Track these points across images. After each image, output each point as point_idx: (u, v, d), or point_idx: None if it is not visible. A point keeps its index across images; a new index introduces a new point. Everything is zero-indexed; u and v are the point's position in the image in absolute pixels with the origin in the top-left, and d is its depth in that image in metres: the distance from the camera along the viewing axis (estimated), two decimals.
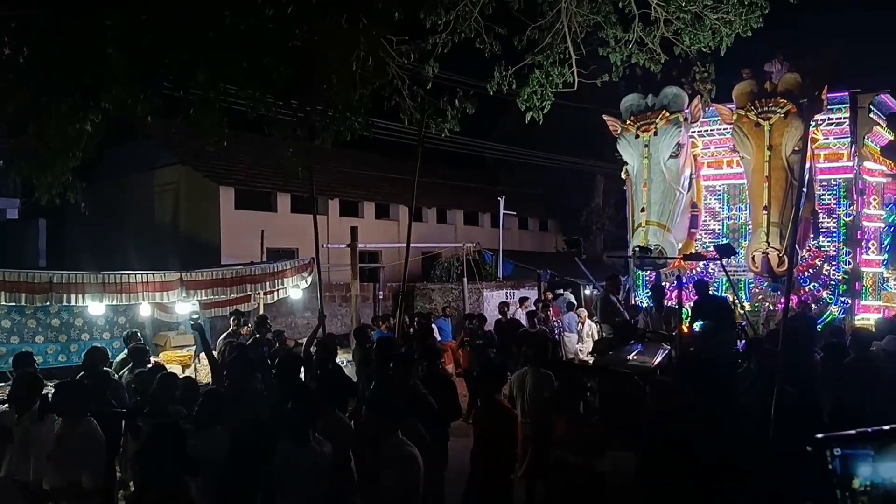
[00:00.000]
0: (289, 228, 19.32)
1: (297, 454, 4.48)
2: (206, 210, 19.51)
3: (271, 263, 11.88)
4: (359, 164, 24.62)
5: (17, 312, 11.07)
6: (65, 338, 11.45)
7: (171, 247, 18.85)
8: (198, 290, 10.22)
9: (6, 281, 8.56)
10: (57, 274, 8.98)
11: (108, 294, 9.17)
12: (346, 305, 16.91)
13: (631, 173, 12.12)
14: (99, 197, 16.56)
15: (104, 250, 18.41)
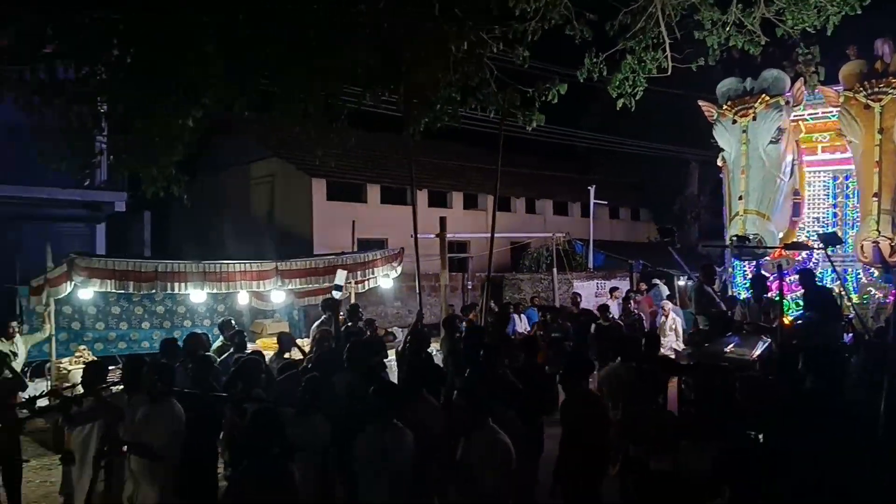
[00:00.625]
0: (379, 219, 19.63)
1: (379, 439, 4.54)
2: (299, 202, 20.04)
3: (362, 253, 12.09)
4: (447, 154, 24.70)
5: (125, 300, 11.72)
6: (169, 324, 12.03)
7: (267, 237, 19.48)
8: (292, 279, 10.51)
9: (116, 270, 9.04)
10: (162, 263, 9.42)
11: (208, 282, 9.55)
12: (435, 295, 17.04)
13: (728, 160, 11.66)
14: (199, 190, 17.22)
15: (204, 241, 19.21)
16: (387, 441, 4.52)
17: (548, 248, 20.43)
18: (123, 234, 18.75)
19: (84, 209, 17.77)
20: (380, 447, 4.50)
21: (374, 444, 4.52)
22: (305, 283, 10.90)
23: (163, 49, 7.24)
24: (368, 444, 4.54)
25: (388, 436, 4.54)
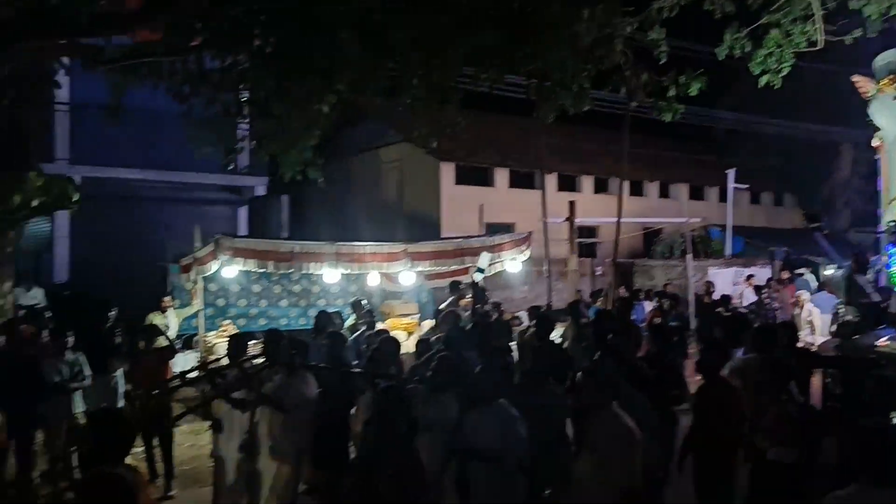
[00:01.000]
0: (506, 203, 19.58)
1: (484, 419, 4.53)
2: (428, 186, 20.32)
3: (490, 237, 12.09)
4: (577, 137, 24.23)
5: (265, 278, 12.32)
6: (304, 302, 12.55)
7: (397, 221, 19.90)
8: (421, 261, 10.66)
9: (257, 250, 9.51)
10: (298, 244, 9.82)
11: (341, 263, 9.86)
12: (563, 281, 16.83)
13: (885, 140, 10.74)
14: (333, 174, 17.78)
15: (337, 223, 19.87)
16: (493, 423, 4.50)
17: (682, 233, 19.66)
18: (263, 216, 19.74)
19: (228, 193, 18.87)
20: (488, 428, 4.49)
21: (480, 425, 4.52)
22: (434, 265, 11.03)
23: (300, 36, 7.50)
24: (475, 424, 4.55)
25: (493, 418, 4.52)
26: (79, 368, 7.29)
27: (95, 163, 15.46)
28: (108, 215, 16.04)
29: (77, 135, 16.15)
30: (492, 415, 4.52)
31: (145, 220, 16.49)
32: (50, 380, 7.02)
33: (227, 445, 5.96)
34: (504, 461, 4.39)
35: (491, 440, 4.43)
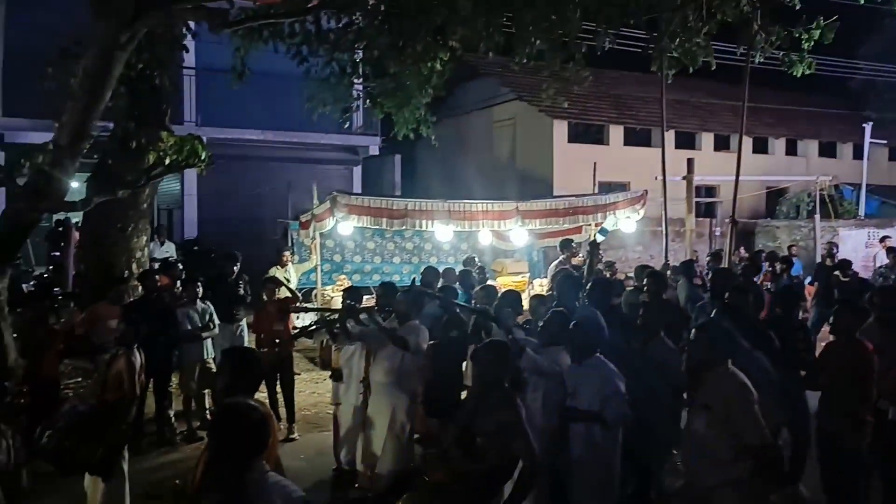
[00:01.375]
0: (621, 161, 19.05)
1: (585, 374, 4.47)
2: (540, 144, 20.05)
3: (603, 195, 11.82)
4: (696, 91, 23.15)
5: (379, 235, 12.62)
6: (417, 259, 12.77)
7: (508, 179, 19.79)
8: (532, 219, 10.57)
9: (371, 207, 9.70)
10: (412, 201, 9.95)
11: (453, 220, 9.92)
12: (680, 241, 16.28)
13: None
14: (445, 132, 17.89)
15: (449, 182, 19.98)
16: (592, 378, 4.43)
17: (810, 192, 18.54)
18: (377, 175, 20.14)
19: (344, 152, 19.33)
20: (588, 384, 4.43)
21: (581, 381, 4.47)
22: (545, 224, 10.91)
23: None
24: (576, 380, 4.49)
25: (593, 373, 4.46)
26: (209, 317, 7.75)
27: (220, 125, 16.16)
28: (232, 175, 16.81)
29: (203, 98, 16.94)
30: (593, 370, 4.47)
31: (267, 179, 17.17)
32: (183, 326, 7.51)
33: (346, 393, 6.22)
34: (603, 418, 4.34)
35: (591, 396, 4.39)
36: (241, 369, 3.39)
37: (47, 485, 5.41)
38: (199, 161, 7.88)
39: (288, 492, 2.70)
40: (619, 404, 4.37)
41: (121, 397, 5.43)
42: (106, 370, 5.56)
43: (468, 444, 3.85)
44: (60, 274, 11.29)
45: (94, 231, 10.02)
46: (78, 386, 8.32)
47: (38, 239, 14.81)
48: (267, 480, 2.67)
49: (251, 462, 2.65)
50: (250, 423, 2.66)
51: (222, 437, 2.68)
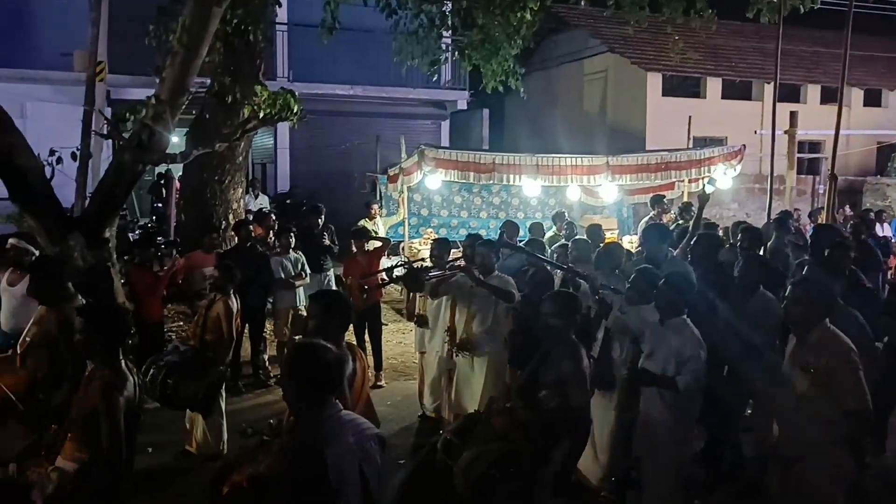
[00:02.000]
0: (718, 115, 18.29)
1: (664, 335, 4.36)
2: (633, 97, 19.46)
3: (697, 150, 11.42)
4: (801, 40, 21.84)
5: (466, 190, 12.64)
6: (504, 214, 12.73)
7: (598, 134, 19.35)
8: (622, 174, 10.35)
9: (458, 161, 9.70)
10: (499, 155, 9.89)
11: (540, 175, 9.81)
12: (779, 198, 15.61)
13: None
14: (533, 86, 17.61)
15: (537, 138, 19.71)
16: (670, 339, 4.33)
17: None
18: (464, 130, 20.08)
19: (432, 107, 19.34)
20: (664, 344, 4.33)
21: (658, 341, 4.37)
22: (636, 179, 10.66)
23: None
24: (654, 341, 4.40)
25: (673, 334, 4.35)
26: (301, 266, 7.99)
27: (311, 80, 16.42)
28: (323, 129, 17.11)
29: (295, 53, 17.24)
30: (675, 331, 4.34)
31: (356, 134, 17.39)
32: (277, 275, 7.78)
33: (431, 341, 6.32)
34: (675, 384, 4.22)
35: (667, 358, 4.27)
36: (330, 312, 3.48)
37: (151, 420, 5.77)
38: (291, 115, 8.04)
39: (362, 429, 2.75)
40: (694, 371, 4.22)
41: (219, 339, 5.72)
42: (205, 314, 5.85)
43: (531, 394, 3.86)
44: (163, 224, 11.88)
45: (194, 183, 10.45)
46: (179, 329, 8.79)
47: (141, 191, 15.61)
48: (341, 418, 2.72)
49: (323, 401, 2.69)
50: (320, 362, 2.69)
51: (293, 375, 2.73)
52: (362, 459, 2.64)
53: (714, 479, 5.15)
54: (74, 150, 8.26)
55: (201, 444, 5.83)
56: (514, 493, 3.52)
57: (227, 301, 5.84)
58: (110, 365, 3.44)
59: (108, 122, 7.99)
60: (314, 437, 2.62)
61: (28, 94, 13.80)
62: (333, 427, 2.65)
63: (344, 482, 2.56)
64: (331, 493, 2.53)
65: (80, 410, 3.44)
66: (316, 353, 2.72)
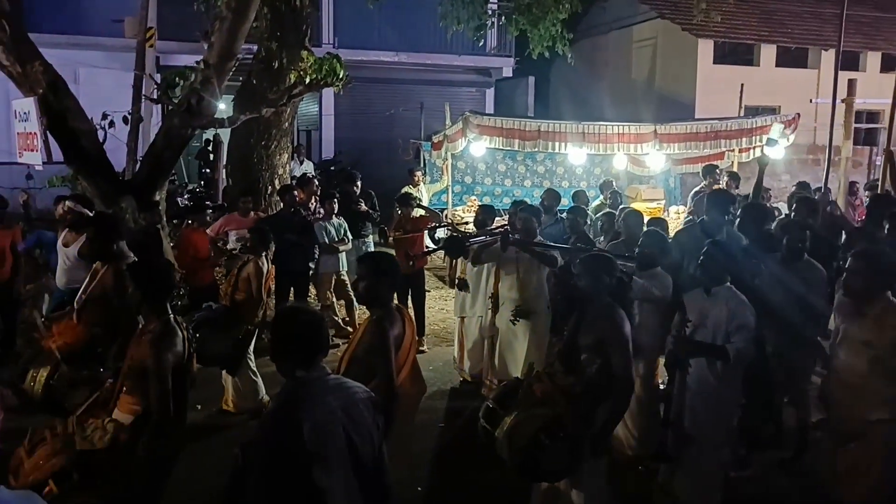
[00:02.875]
0: (771, 84, 17.77)
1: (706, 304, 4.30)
2: (683, 65, 19.00)
3: (749, 118, 11.14)
4: (861, 5, 20.99)
5: (510, 158, 12.56)
6: (548, 183, 12.62)
7: (646, 103, 18.98)
8: (670, 143, 10.16)
9: (503, 128, 9.63)
10: (544, 122, 9.79)
11: (586, 143, 9.69)
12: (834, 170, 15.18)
13: None
14: (579, 55, 17.29)
15: (583, 106, 19.42)
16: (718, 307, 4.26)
17: None
18: (509, 97, 19.89)
19: (476, 74, 19.18)
20: (712, 312, 4.26)
21: (705, 310, 4.29)
22: (684, 148, 10.47)
23: None
24: (702, 309, 4.32)
25: (719, 302, 4.26)
26: (344, 231, 8.07)
27: (356, 46, 16.40)
28: (367, 96, 17.13)
29: (340, 20, 17.22)
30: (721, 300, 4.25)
31: (400, 101, 17.37)
32: (320, 239, 7.87)
33: (472, 307, 6.35)
34: (726, 353, 4.16)
35: (716, 327, 4.20)
36: (379, 273, 3.53)
37: (202, 377, 5.92)
38: (337, 80, 8.05)
39: (351, 393, 2.67)
40: (745, 339, 4.15)
41: (248, 299, 5.83)
42: (236, 275, 5.97)
43: (570, 358, 3.84)
44: (210, 188, 12.08)
45: (240, 149, 10.57)
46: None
47: (190, 157, 15.87)
48: (325, 382, 2.65)
49: (305, 364, 2.62)
50: (300, 325, 2.66)
51: (276, 339, 2.72)
52: (348, 424, 2.55)
53: (752, 452, 5.10)
54: (126, 115, 8.42)
55: (236, 401, 5.95)
56: (559, 459, 3.53)
57: (257, 262, 5.94)
58: (159, 319, 3.54)
59: (158, 87, 8.12)
60: (291, 401, 2.57)
61: (81, 59, 14.06)
62: (315, 390, 2.57)
63: (323, 446, 2.46)
64: (306, 456, 2.44)
65: (132, 364, 3.55)
66: (296, 316, 2.70)
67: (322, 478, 2.44)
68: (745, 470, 4.95)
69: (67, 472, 3.19)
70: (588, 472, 3.72)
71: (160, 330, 3.50)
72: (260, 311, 6.16)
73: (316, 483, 2.44)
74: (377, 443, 2.67)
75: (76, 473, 3.18)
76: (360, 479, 2.56)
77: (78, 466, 3.21)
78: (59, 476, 3.18)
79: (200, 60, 7.92)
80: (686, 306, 4.35)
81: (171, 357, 3.44)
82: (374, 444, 2.65)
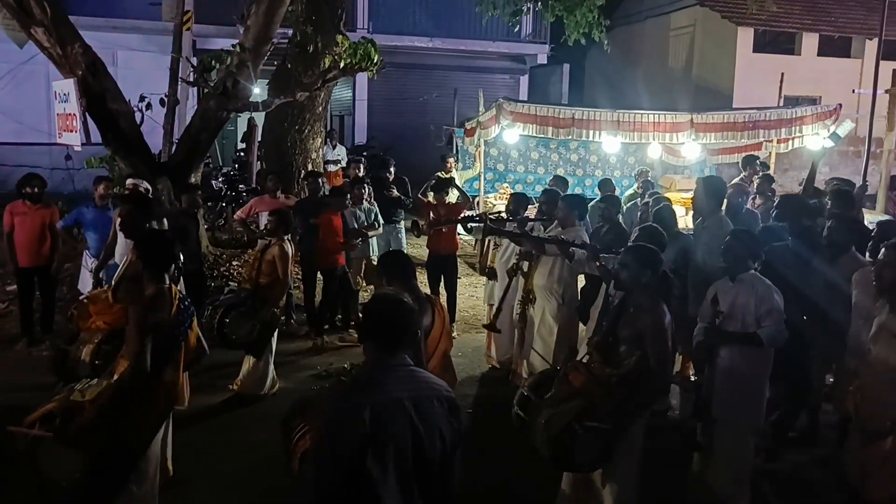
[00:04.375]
0: (812, 73, 17.38)
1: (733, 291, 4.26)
2: (721, 53, 18.66)
3: (788, 109, 10.92)
4: None
5: (543, 146, 12.47)
6: (581, 172, 12.54)
7: (682, 92, 18.70)
8: (707, 132, 10.03)
9: (537, 115, 9.56)
10: (578, 110, 9.70)
11: (621, 131, 9.59)
12: (874, 163, 14.83)
13: None
14: (615, 42, 17.09)
15: (618, 95, 19.20)
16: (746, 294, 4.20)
17: None
18: (543, 85, 19.73)
19: (511, 61, 19.05)
20: (742, 301, 4.20)
21: (735, 297, 4.23)
22: (721, 138, 10.32)
23: None
24: (734, 297, 4.26)
25: (748, 289, 4.21)
26: (374, 216, 8.07)
27: (390, 32, 16.38)
28: (401, 82, 17.11)
29: (374, 5, 17.20)
30: (748, 286, 4.20)
31: (433, 87, 17.33)
32: (350, 225, 7.87)
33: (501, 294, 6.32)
34: (758, 339, 4.10)
35: (745, 313, 4.15)
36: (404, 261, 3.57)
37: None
38: (371, 64, 8.06)
39: (427, 387, 2.58)
40: (776, 323, 4.11)
41: (273, 282, 5.84)
42: (260, 258, 5.98)
43: (608, 349, 3.81)
44: (245, 171, 12.18)
45: (275, 132, 10.64)
46: (235, 272, 9.07)
47: (224, 141, 16.02)
48: (401, 373, 2.56)
49: (387, 351, 2.54)
50: (389, 314, 2.59)
51: (364, 324, 2.63)
52: (415, 417, 2.44)
53: (781, 445, 5.03)
54: (162, 97, 8.51)
55: (244, 383, 5.92)
56: (592, 450, 3.51)
57: (282, 245, 5.92)
58: (155, 285, 3.72)
59: (195, 70, 8.19)
60: (361, 384, 2.53)
61: (118, 42, 14.24)
62: (388, 378, 2.49)
63: (381, 433, 2.37)
64: (362, 441, 2.35)
65: (128, 328, 3.72)
66: (392, 304, 2.62)
67: (375, 466, 2.37)
68: (772, 462, 4.88)
69: (53, 415, 3.47)
70: (622, 464, 3.70)
71: (151, 295, 3.68)
72: (285, 294, 6.15)
73: (369, 470, 2.36)
74: (449, 443, 2.54)
75: (59, 418, 3.44)
76: (420, 475, 2.47)
77: (63, 413, 3.46)
78: (45, 418, 3.48)
79: (236, 44, 7.98)
80: (717, 296, 4.30)
81: (153, 318, 3.59)
82: (446, 443, 2.52)
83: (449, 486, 2.57)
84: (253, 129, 11.37)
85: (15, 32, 7.56)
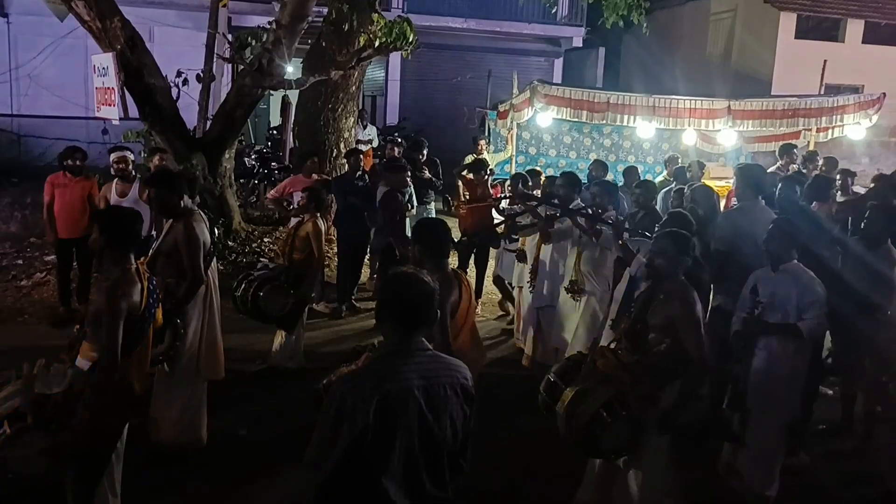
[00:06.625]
0: (856, 62, 16.98)
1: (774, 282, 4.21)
2: (762, 39, 18.31)
3: (829, 97, 10.67)
4: None
5: (576, 130, 12.34)
6: (614, 157, 12.39)
7: (720, 79, 18.38)
8: (744, 120, 9.83)
9: (571, 98, 9.45)
10: (613, 95, 9.56)
11: (656, 117, 9.45)
12: None
13: None
14: (653, 27, 16.84)
15: (653, 79, 18.91)
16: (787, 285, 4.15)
17: None
18: (578, 69, 19.50)
19: (546, 44, 18.85)
20: (783, 292, 4.15)
21: (775, 288, 4.19)
22: (759, 125, 10.11)
23: None
24: (773, 287, 4.21)
25: (789, 279, 4.16)
26: (408, 197, 8.06)
27: (425, 12, 16.28)
28: (434, 62, 17.04)
29: None
30: (790, 276, 4.14)
31: (467, 68, 17.23)
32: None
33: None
34: (798, 330, 4.05)
35: (787, 304, 4.09)
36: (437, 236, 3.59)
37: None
38: (406, 44, 8.04)
39: (444, 372, 2.53)
40: (817, 315, 4.05)
41: (308, 258, 5.88)
42: (293, 234, 6.02)
43: (637, 336, 3.78)
44: (278, 149, 12.25)
45: (308, 111, 10.67)
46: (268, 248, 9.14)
47: (258, 118, 16.11)
48: (414, 356, 2.50)
49: (404, 333, 2.49)
50: (410, 292, 2.51)
51: (382, 299, 2.59)
52: (425, 403, 2.39)
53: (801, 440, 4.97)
54: (198, 73, 8.58)
55: (275, 357, 6.00)
56: (619, 437, 3.50)
57: (315, 221, 5.94)
58: (120, 267, 3.48)
59: (231, 46, 8.24)
60: (375, 367, 2.48)
61: (155, 18, 14.33)
62: (401, 361, 2.44)
63: (389, 418, 2.34)
64: (366, 432, 2.31)
65: (91, 310, 3.51)
66: (410, 283, 2.52)
67: (378, 455, 2.35)
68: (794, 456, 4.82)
69: (22, 414, 3.16)
70: (649, 453, 3.68)
71: (118, 277, 3.45)
72: (321, 270, 6.18)
73: (375, 454, 2.35)
74: (461, 431, 2.51)
75: (30, 416, 3.15)
76: (429, 463, 2.44)
77: (33, 409, 3.17)
78: (13, 418, 3.16)
79: (272, 21, 8.01)
80: (757, 285, 4.25)
81: (124, 305, 3.38)
82: (457, 431, 2.49)
83: (459, 474, 2.56)
84: (287, 107, 11.41)
85: (56, 5, 7.67)
